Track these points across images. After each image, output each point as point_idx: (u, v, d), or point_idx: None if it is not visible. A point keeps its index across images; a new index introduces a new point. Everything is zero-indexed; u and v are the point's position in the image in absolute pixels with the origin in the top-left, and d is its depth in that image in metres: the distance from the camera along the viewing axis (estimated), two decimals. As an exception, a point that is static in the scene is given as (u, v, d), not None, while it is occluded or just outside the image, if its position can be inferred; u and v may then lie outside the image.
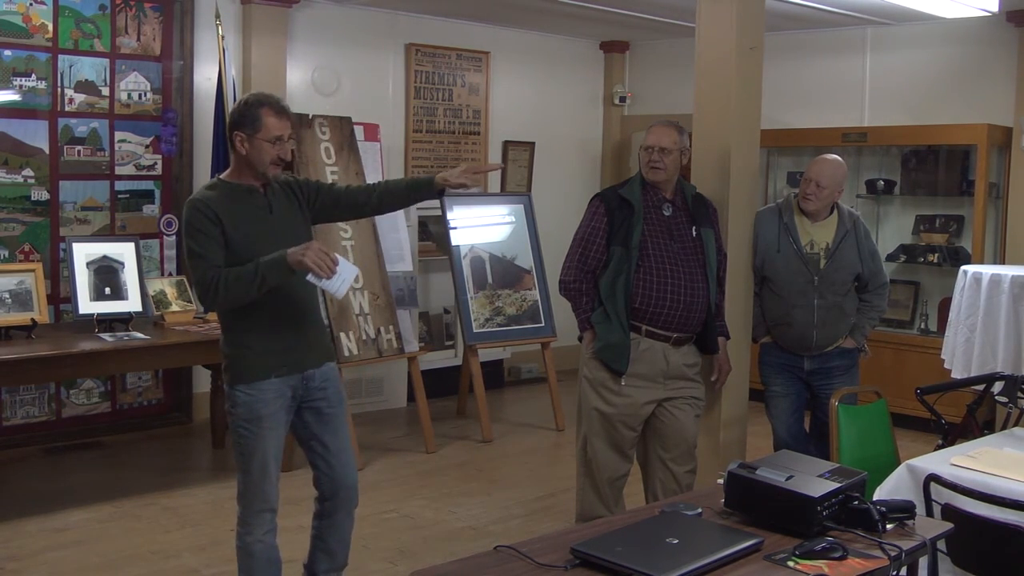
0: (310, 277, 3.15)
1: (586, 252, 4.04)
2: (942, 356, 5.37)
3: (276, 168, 3.32)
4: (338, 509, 3.54)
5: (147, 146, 6.26)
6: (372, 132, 6.58)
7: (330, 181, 5.92)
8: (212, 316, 5.57)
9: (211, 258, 3.21)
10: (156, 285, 5.67)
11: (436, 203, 6.76)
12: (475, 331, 6.53)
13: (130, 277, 5.52)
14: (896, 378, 6.35)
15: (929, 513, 3.11)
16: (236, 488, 3.43)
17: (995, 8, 5.97)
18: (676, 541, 2.43)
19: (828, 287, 4.42)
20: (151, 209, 6.31)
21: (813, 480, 2.63)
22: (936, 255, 6.89)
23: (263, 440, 3.34)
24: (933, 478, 3.14)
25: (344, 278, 3.18)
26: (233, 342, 3.36)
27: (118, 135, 6.14)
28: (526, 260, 6.91)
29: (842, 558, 2.41)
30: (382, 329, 5.98)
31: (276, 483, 3.41)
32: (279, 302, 3.31)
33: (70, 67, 5.93)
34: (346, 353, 5.72)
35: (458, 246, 6.63)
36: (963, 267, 5.41)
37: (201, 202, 3.26)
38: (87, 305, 5.33)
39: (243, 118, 3.27)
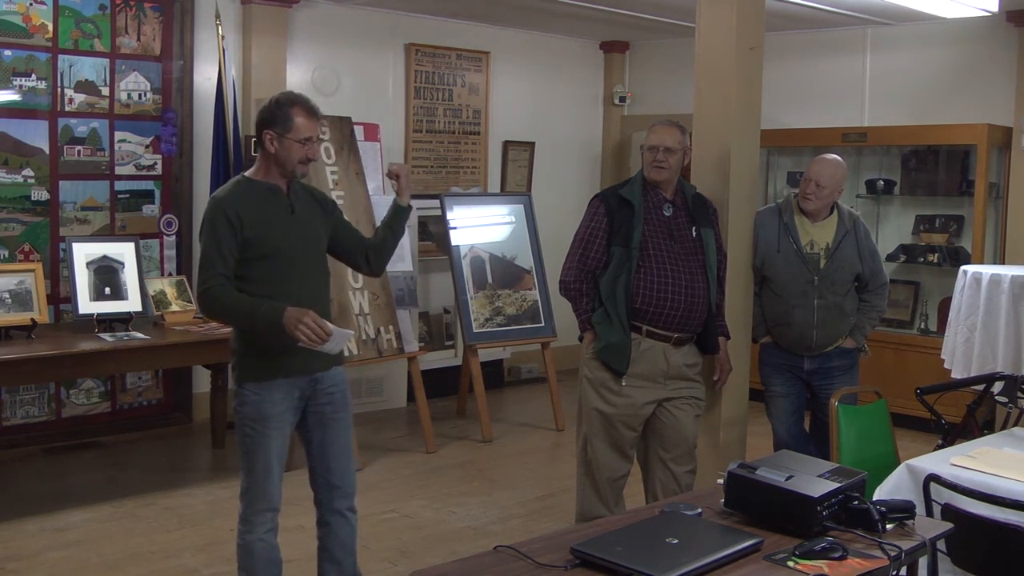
0: (301, 344, 3.18)
1: (586, 252, 4.04)
2: (942, 356, 5.37)
3: (304, 167, 3.35)
4: (334, 514, 3.53)
5: (147, 146, 6.26)
6: (372, 132, 6.58)
7: (330, 184, 5.95)
8: (212, 316, 5.58)
9: (219, 266, 3.22)
10: (156, 285, 5.67)
11: (436, 203, 6.78)
12: (475, 331, 6.53)
13: (130, 277, 5.52)
14: (896, 378, 6.35)
15: (929, 513, 3.11)
16: (239, 487, 3.43)
17: (995, 8, 5.97)
18: (676, 541, 2.43)
19: (828, 287, 4.42)
20: (151, 209, 6.31)
21: (813, 480, 2.63)
22: (936, 255, 6.89)
23: (268, 440, 3.33)
24: (933, 478, 3.14)
25: (337, 342, 3.24)
26: (243, 340, 3.36)
27: (118, 135, 6.14)
28: (526, 260, 6.91)
29: (842, 558, 2.41)
30: (382, 329, 5.98)
31: (279, 483, 3.41)
32: (291, 303, 3.28)
33: (70, 67, 5.93)
34: (346, 353, 5.70)
35: (458, 246, 6.63)
36: (963, 267, 5.41)
37: (225, 201, 3.26)
38: (87, 305, 5.33)
39: (273, 116, 3.27)
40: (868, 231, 4.60)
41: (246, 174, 3.39)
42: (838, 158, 4.52)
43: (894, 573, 2.49)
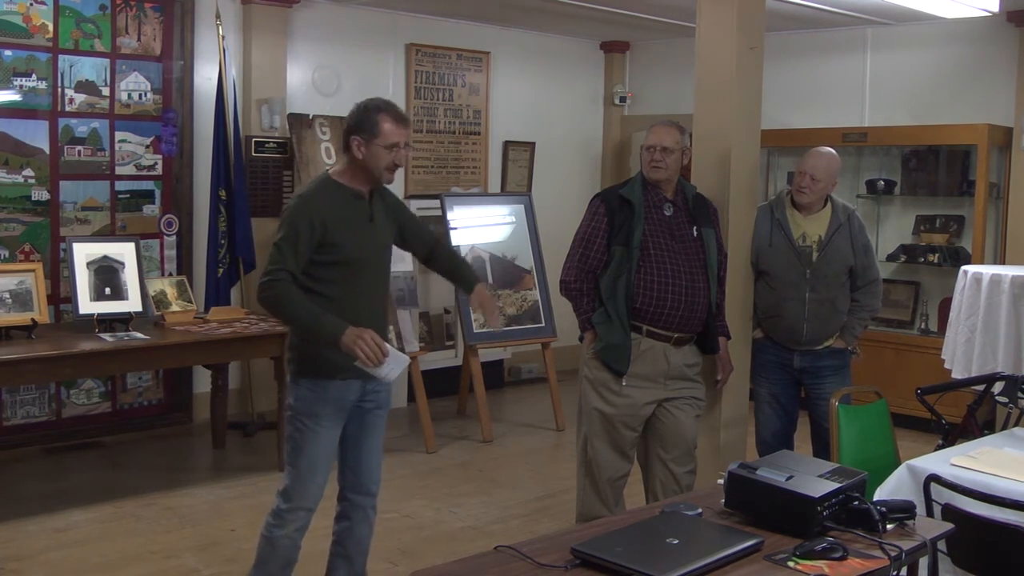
0: (358, 363, 3.17)
1: (587, 252, 4.04)
2: (942, 356, 5.37)
3: (390, 174, 3.36)
4: (355, 510, 3.56)
5: (147, 146, 6.26)
6: (372, 132, 6.56)
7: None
8: (212, 316, 5.57)
9: (290, 262, 3.22)
10: (156, 285, 5.66)
11: (436, 203, 6.79)
12: (475, 331, 6.53)
13: (130, 277, 5.51)
14: (896, 378, 6.35)
15: (929, 513, 3.11)
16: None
17: (995, 8, 5.97)
18: (676, 541, 2.43)
19: (820, 280, 4.41)
20: (151, 209, 6.31)
21: (813, 480, 2.63)
22: (936, 255, 6.89)
23: (317, 437, 3.36)
24: (933, 478, 3.14)
25: (393, 367, 3.22)
26: (304, 336, 3.37)
27: (118, 135, 6.14)
28: (526, 260, 6.91)
29: (842, 558, 2.41)
30: (382, 329, 5.98)
31: (322, 484, 3.42)
32: (355, 306, 3.31)
33: (70, 67, 5.93)
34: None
35: (458, 246, 6.62)
36: (963, 267, 5.40)
37: (313, 204, 3.28)
38: (87, 305, 5.32)
39: (361, 123, 3.31)
40: (863, 226, 4.57)
41: (331, 175, 3.40)
42: (831, 151, 4.51)
43: (894, 573, 2.49)
